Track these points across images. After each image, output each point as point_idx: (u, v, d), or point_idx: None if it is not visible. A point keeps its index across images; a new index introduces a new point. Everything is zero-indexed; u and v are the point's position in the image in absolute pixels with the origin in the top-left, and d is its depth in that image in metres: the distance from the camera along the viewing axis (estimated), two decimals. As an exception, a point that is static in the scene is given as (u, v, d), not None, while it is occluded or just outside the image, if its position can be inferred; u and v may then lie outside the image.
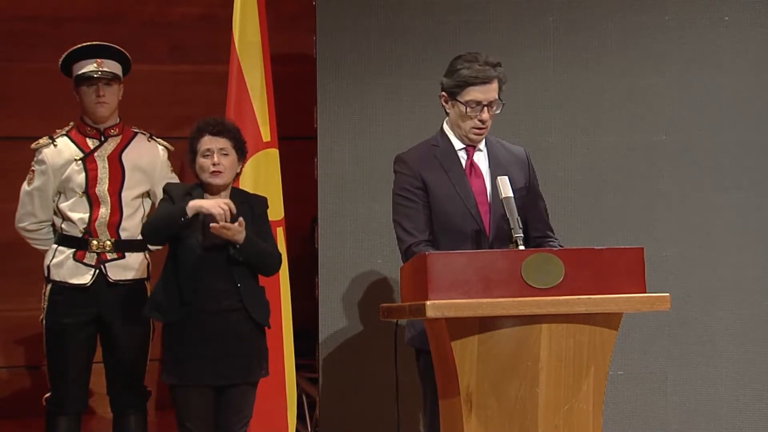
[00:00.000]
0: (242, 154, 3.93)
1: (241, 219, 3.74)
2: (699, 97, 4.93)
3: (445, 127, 3.74)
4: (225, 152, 3.85)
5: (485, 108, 3.61)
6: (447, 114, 3.72)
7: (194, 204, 3.74)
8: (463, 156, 3.69)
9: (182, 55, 5.89)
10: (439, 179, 3.65)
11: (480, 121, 3.62)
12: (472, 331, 3.10)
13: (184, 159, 4.42)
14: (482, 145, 3.72)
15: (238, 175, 3.98)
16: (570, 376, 3.16)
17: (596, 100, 4.88)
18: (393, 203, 3.71)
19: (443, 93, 3.68)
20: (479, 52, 3.67)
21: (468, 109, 3.61)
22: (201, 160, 3.85)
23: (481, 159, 3.70)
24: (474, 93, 3.61)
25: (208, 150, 3.83)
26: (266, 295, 3.96)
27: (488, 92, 3.61)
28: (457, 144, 3.70)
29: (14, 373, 5.75)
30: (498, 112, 3.66)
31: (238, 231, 3.74)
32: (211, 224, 3.71)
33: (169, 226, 3.78)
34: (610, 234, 4.80)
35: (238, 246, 3.77)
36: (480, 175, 3.67)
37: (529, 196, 3.71)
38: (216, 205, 3.73)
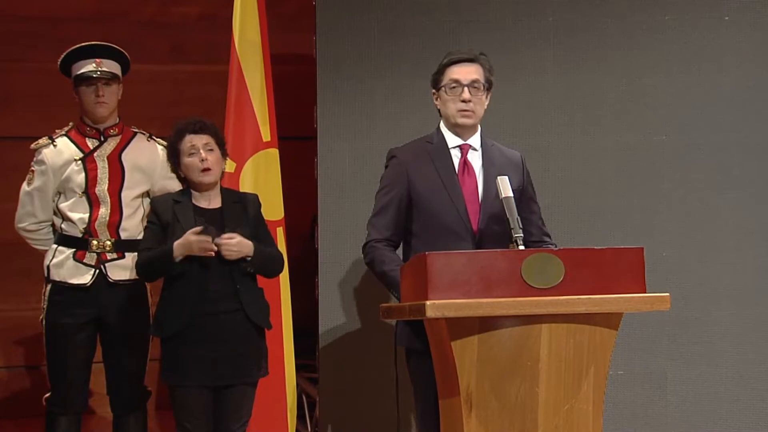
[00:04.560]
0: (224, 152, 3.92)
1: (230, 235, 3.74)
2: (699, 97, 4.93)
3: (441, 126, 3.75)
4: (210, 147, 3.83)
5: (466, 88, 3.62)
6: (440, 114, 3.74)
7: (180, 249, 3.71)
8: (456, 154, 3.70)
9: (182, 55, 5.89)
10: (428, 175, 3.65)
11: (462, 101, 3.62)
12: (472, 331, 3.10)
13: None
14: (477, 145, 3.72)
15: (223, 173, 3.96)
16: (570, 376, 3.16)
17: (596, 100, 4.88)
18: (376, 195, 3.76)
19: (433, 92, 3.72)
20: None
21: (449, 91, 3.63)
22: (188, 160, 3.82)
23: (475, 159, 3.70)
24: (451, 73, 3.65)
25: (193, 147, 3.81)
26: (266, 295, 3.96)
27: (467, 72, 3.64)
28: (451, 141, 3.71)
29: (14, 373, 5.75)
30: (483, 98, 3.66)
31: (243, 246, 3.74)
32: (224, 254, 3.72)
33: (164, 271, 3.78)
34: (610, 234, 4.79)
35: (248, 259, 3.78)
36: (472, 175, 3.67)
37: (523, 200, 3.71)
38: (201, 248, 3.69)
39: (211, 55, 5.58)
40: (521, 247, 3.29)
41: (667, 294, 3.19)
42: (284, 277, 4.43)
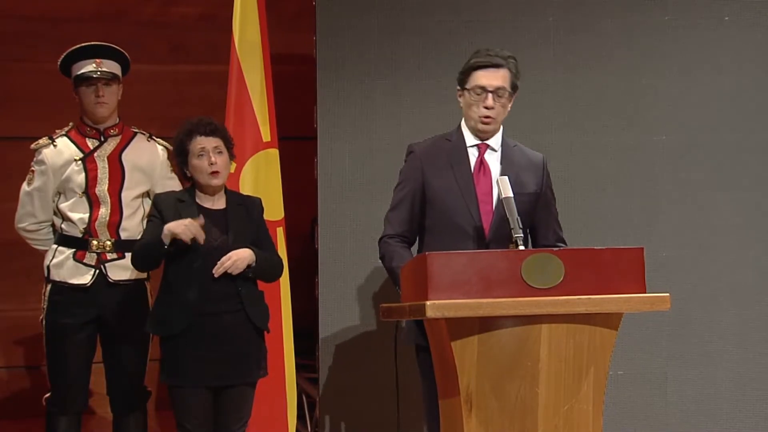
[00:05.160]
0: (232, 154, 3.93)
1: (226, 257, 3.75)
2: (699, 97, 4.93)
3: (462, 124, 3.74)
4: (219, 151, 3.84)
5: (490, 95, 3.61)
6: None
7: (168, 230, 3.71)
8: (473, 153, 3.69)
9: (182, 55, 5.89)
10: (442, 173, 3.66)
11: (485, 108, 3.61)
12: (472, 331, 3.10)
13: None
14: (497, 146, 3.71)
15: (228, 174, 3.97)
16: (570, 376, 3.16)
17: (596, 100, 4.88)
18: (394, 189, 3.77)
19: (457, 89, 3.70)
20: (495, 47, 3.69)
21: (473, 95, 3.61)
22: (196, 162, 3.82)
23: (493, 159, 3.70)
24: (478, 78, 3.61)
25: (203, 149, 3.81)
26: (266, 297, 3.96)
27: (493, 78, 3.61)
28: (469, 141, 3.70)
29: (14, 373, 5.75)
30: (507, 103, 3.65)
31: (242, 258, 3.75)
32: (214, 270, 3.73)
33: (156, 257, 3.78)
34: (610, 234, 4.79)
35: (251, 266, 3.79)
36: (488, 175, 3.66)
37: (540, 203, 3.72)
38: (184, 229, 3.69)
39: (211, 55, 5.58)
40: (521, 247, 3.29)
41: (667, 294, 3.19)
42: (284, 277, 4.43)
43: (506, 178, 3.47)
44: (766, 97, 4.97)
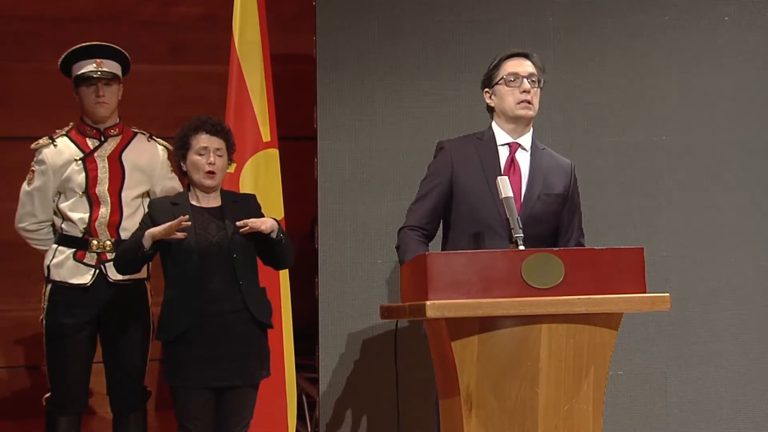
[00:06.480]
0: (232, 158, 3.96)
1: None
2: (699, 97, 4.93)
3: (493, 124, 3.75)
4: (220, 153, 3.85)
5: (525, 79, 3.64)
6: (493, 113, 3.73)
7: (149, 234, 3.73)
8: (504, 152, 3.70)
9: (182, 55, 5.88)
10: (472, 170, 3.67)
11: (523, 92, 3.63)
12: (472, 331, 3.10)
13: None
14: (527, 146, 3.72)
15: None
16: (570, 376, 3.15)
17: (596, 100, 4.88)
18: (420, 182, 3.79)
19: (485, 90, 3.72)
20: None
21: (507, 83, 3.64)
22: (196, 158, 3.83)
23: (523, 158, 3.71)
24: (509, 66, 3.67)
25: (205, 148, 3.82)
26: (267, 295, 3.96)
27: (524, 65, 3.66)
28: (501, 139, 3.71)
29: (14, 373, 5.74)
30: (541, 87, 3.67)
31: (262, 221, 3.77)
32: (241, 230, 3.74)
33: (135, 260, 3.80)
34: (610, 234, 4.79)
35: (273, 232, 3.79)
36: (518, 174, 3.68)
37: (565, 206, 3.73)
38: (168, 229, 3.68)
39: (211, 55, 5.57)
40: (521, 247, 3.29)
41: (667, 294, 3.19)
42: (284, 277, 4.44)
43: (506, 178, 3.46)
44: (766, 97, 4.97)
